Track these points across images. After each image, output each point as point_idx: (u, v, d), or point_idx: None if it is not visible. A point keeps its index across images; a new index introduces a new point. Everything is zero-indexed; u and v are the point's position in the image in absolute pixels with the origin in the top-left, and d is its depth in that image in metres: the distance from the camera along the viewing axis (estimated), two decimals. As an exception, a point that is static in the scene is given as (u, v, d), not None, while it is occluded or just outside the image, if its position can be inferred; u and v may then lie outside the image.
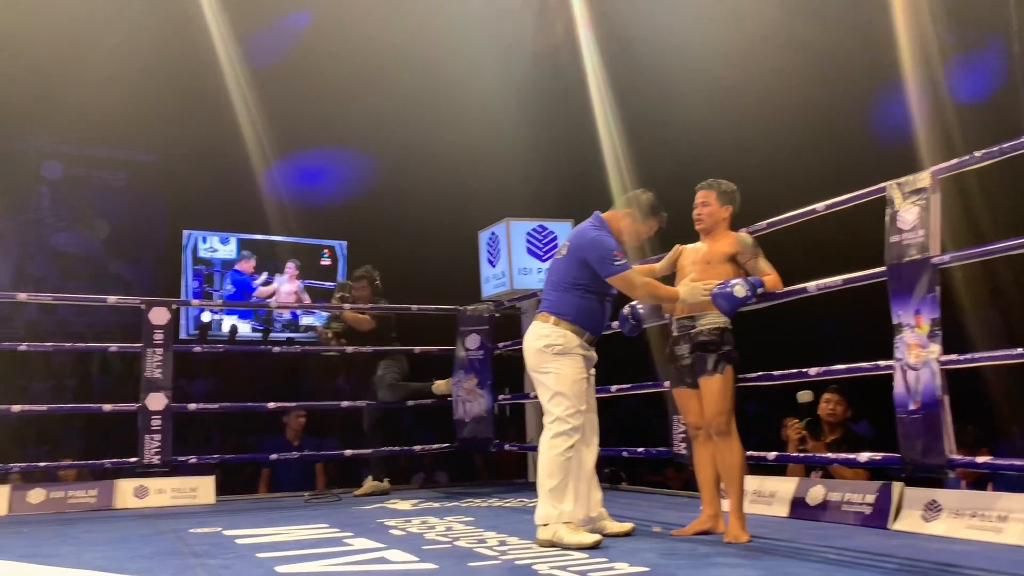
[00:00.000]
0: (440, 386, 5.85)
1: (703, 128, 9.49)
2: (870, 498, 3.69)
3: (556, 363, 3.35)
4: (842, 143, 9.24)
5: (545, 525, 3.22)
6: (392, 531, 3.71)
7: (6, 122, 11.41)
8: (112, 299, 5.60)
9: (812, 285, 3.80)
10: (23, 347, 5.72)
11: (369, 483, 5.54)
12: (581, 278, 3.41)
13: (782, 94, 9.22)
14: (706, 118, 9.50)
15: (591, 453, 3.53)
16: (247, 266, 11.81)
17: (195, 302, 11.20)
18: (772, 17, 8.74)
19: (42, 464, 5.83)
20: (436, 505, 4.79)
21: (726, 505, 3.46)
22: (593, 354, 3.50)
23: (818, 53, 9.01)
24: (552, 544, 3.15)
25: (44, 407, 5.48)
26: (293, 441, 6.60)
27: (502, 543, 3.30)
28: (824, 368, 3.88)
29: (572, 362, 3.37)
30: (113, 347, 6.10)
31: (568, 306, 3.41)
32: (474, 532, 3.62)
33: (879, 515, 3.61)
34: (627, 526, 3.52)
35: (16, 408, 5.28)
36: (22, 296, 5.48)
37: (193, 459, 5.40)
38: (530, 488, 3.28)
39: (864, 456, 3.74)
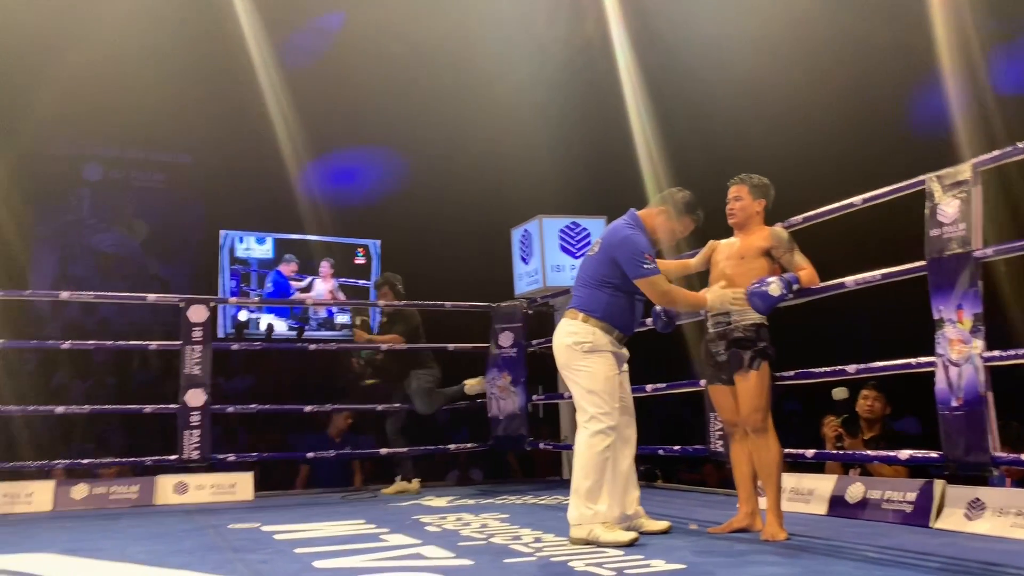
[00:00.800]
0: (473, 385, 5.82)
1: (737, 121, 9.41)
2: (911, 496, 3.64)
3: (587, 361, 3.33)
4: (879, 136, 9.10)
5: (579, 525, 3.20)
6: (427, 528, 3.73)
7: (48, 126, 11.65)
8: (152, 297, 5.70)
9: (850, 280, 3.74)
10: (66, 345, 5.84)
11: (398, 483, 5.55)
12: (612, 276, 3.39)
13: (817, 86, 9.10)
14: (740, 111, 9.41)
15: (628, 451, 3.51)
16: (288, 269, 12.02)
17: (232, 300, 11.36)
18: (807, 7, 8.62)
19: (85, 461, 5.95)
20: (471, 502, 4.80)
21: (763, 503, 3.43)
22: (624, 352, 3.47)
23: (854, 43, 8.88)
24: (587, 543, 3.14)
25: (87, 408, 5.59)
26: (336, 438, 6.65)
27: (537, 540, 3.30)
28: (863, 365, 3.82)
29: (603, 359, 3.34)
30: (153, 345, 6.21)
31: (597, 303, 3.39)
32: (509, 529, 3.63)
33: (920, 513, 3.55)
34: (664, 524, 3.51)
35: (60, 409, 5.37)
36: (64, 295, 5.59)
37: (232, 456, 5.48)
38: (564, 486, 3.27)
39: (905, 453, 3.69)
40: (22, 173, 11.88)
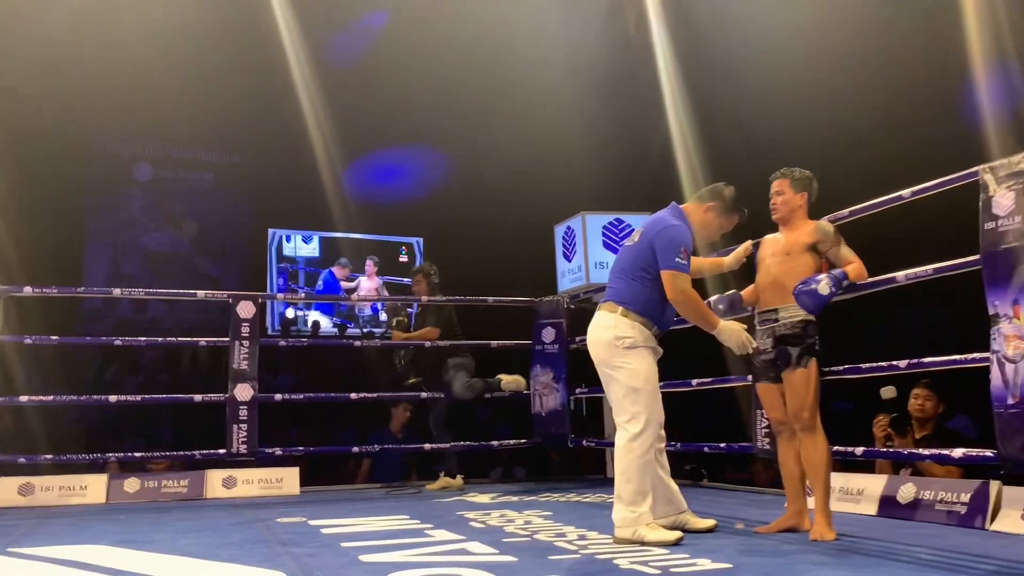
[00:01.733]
0: (508, 382, 5.70)
1: (779, 115, 9.26)
2: (965, 497, 3.55)
3: (628, 357, 3.21)
4: (927, 127, 8.88)
5: (623, 527, 3.15)
6: (472, 524, 3.74)
7: (100, 126, 11.93)
8: (201, 294, 5.80)
9: (901, 275, 3.67)
10: (118, 342, 5.97)
11: (442, 479, 5.56)
12: (651, 267, 3.26)
13: (860, 77, 8.91)
14: (782, 104, 9.27)
15: (663, 447, 3.45)
16: (342, 273, 12.24)
17: (280, 296, 11.54)
18: (848, -3, 8.48)
19: (137, 455, 6.07)
20: (514, 499, 4.81)
21: (811, 502, 3.38)
22: (660, 349, 3.36)
23: (898, 34, 8.67)
24: (632, 542, 3.10)
25: (138, 397, 5.72)
26: (397, 433, 6.70)
27: (581, 537, 3.29)
28: (914, 361, 3.74)
29: (644, 356, 3.24)
30: (202, 341, 6.31)
31: (636, 296, 3.27)
32: (553, 526, 3.62)
33: (975, 515, 3.47)
34: (709, 522, 3.47)
35: (112, 398, 5.51)
36: (117, 292, 5.71)
37: (278, 450, 5.56)
38: (608, 484, 3.25)
39: (958, 452, 3.60)
40: (75, 173, 12.18)
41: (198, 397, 5.52)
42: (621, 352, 3.22)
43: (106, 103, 11.07)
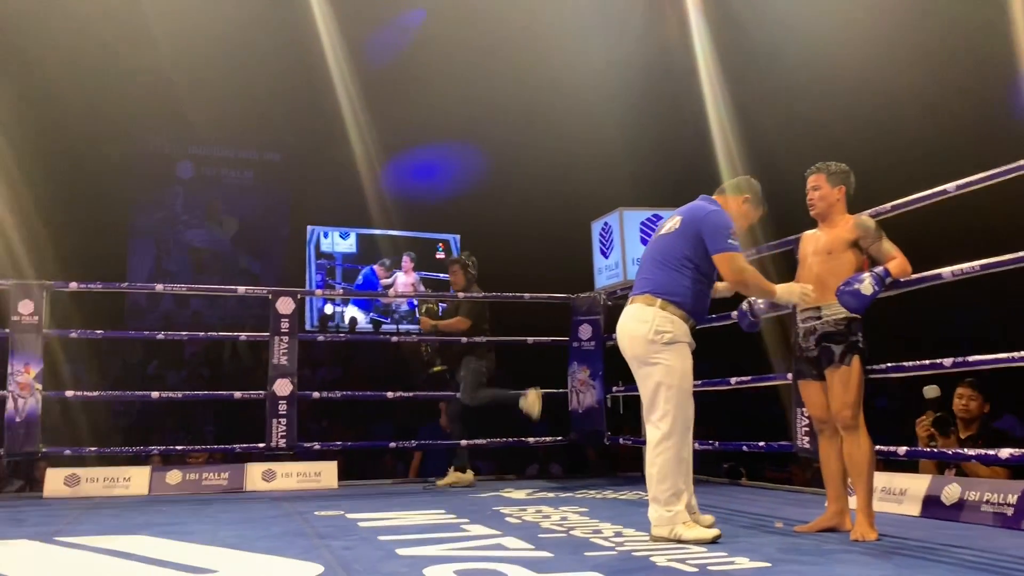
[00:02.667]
0: (531, 403, 5.37)
1: (821, 107, 9.13)
2: (1012, 498, 3.47)
3: (665, 353, 3.12)
4: (975, 119, 8.68)
5: (659, 526, 3.11)
6: (508, 519, 3.74)
7: (144, 126, 12.15)
8: (241, 289, 5.87)
9: (947, 271, 3.59)
10: (160, 336, 6.08)
11: (452, 474, 5.51)
12: (694, 256, 3.19)
13: (902, 70, 8.73)
14: (824, 97, 9.13)
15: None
16: (382, 271, 12.35)
17: (318, 292, 11.67)
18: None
19: (179, 448, 6.17)
20: (551, 495, 4.80)
21: (853, 502, 3.32)
22: (694, 343, 3.27)
23: (945, 22, 8.48)
24: (668, 541, 3.06)
25: (179, 394, 5.81)
26: (446, 428, 6.72)
27: (618, 534, 3.27)
28: (960, 359, 3.65)
29: (682, 352, 3.15)
30: (242, 336, 6.41)
31: (677, 287, 3.18)
32: (589, 523, 3.61)
33: (1022, 516, 3.38)
34: (707, 518, 3.32)
35: (155, 394, 5.61)
36: (159, 287, 5.80)
37: (316, 445, 5.61)
38: (645, 481, 3.21)
39: (1005, 452, 3.51)
40: (119, 171, 12.41)
41: (238, 394, 5.58)
42: (659, 348, 3.12)
43: (150, 103, 11.27)
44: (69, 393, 5.35)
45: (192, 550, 3.03)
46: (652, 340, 3.13)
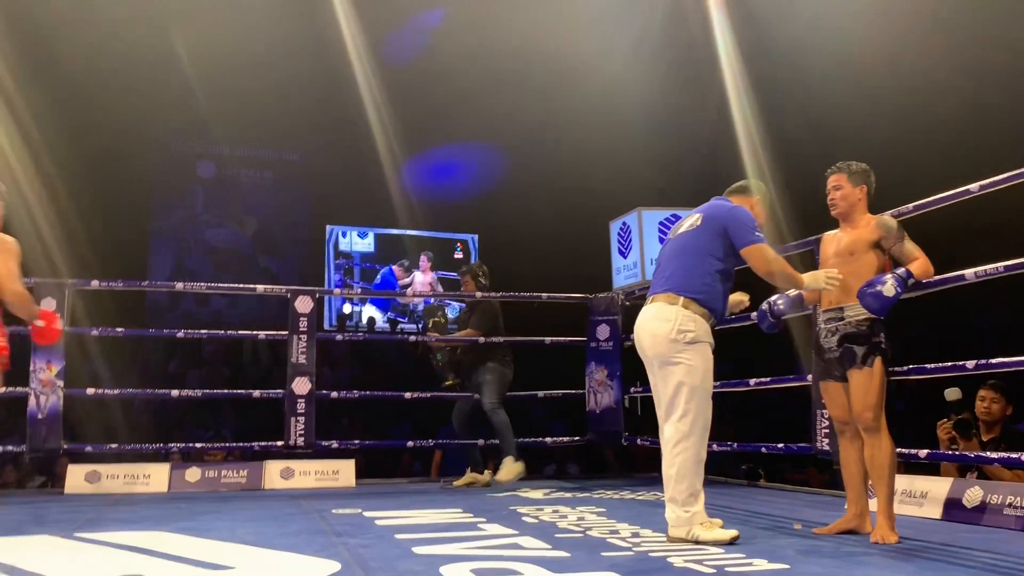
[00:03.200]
0: (510, 472, 5.13)
1: (846, 106, 9.04)
2: (1035, 502, 3.42)
3: (688, 353, 3.09)
4: (1003, 117, 8.57)
5: (677, 527, 3.09)
6: (525, 519, 3.73)
7: (167, 126, 12.26)
8: (261, 288, 5.91)
9: (970, 272, 3.55)
10: (180, 334, 6.12)
11: (469, 475, 5.47)
12: (718, 251, 3.17)
13: (929, 69, 8.63)
14: (849, 95, 9.05)
15: None
16: (401, 271, 12.40)
17: (336, 291, 11.72)
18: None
19: (198, 445, 6.22)
20: (568, 495, 4.79)
21: (873, 504, 3.29)
22: (714, 343, 3.24)
23: (974, 17, 8.37)
24: (686, 542, 3.04)
25: (199, 392, 5.84)
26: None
27: (635, 535, 3.26)
28: (983, 361, 3.62)
29: (704, 352, 3.12)
30: (262, 335, 6.43)
31: (699, 284, 3.15)
32: (606, 523, 3.60)
33: (1046, 521, 3.34)
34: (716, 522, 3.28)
35: (175, 392, 5.65)
36: (179, 285, 5.83)
37: (335, 443, 5.63)
38: (662, 482, 3.19)
39: (1029, 456, 3.47)
40: (142, 171, 12.52)
41: (256, 393, 5.61)
42: (681, 347, 3.09)
43: (172, 104, 11.37)
44: (90, 391, 5.40)
45: (211, 547, 3.05)
46: (675, 339, 3.10)
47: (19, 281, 3.43)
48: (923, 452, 3.96)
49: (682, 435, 3.08)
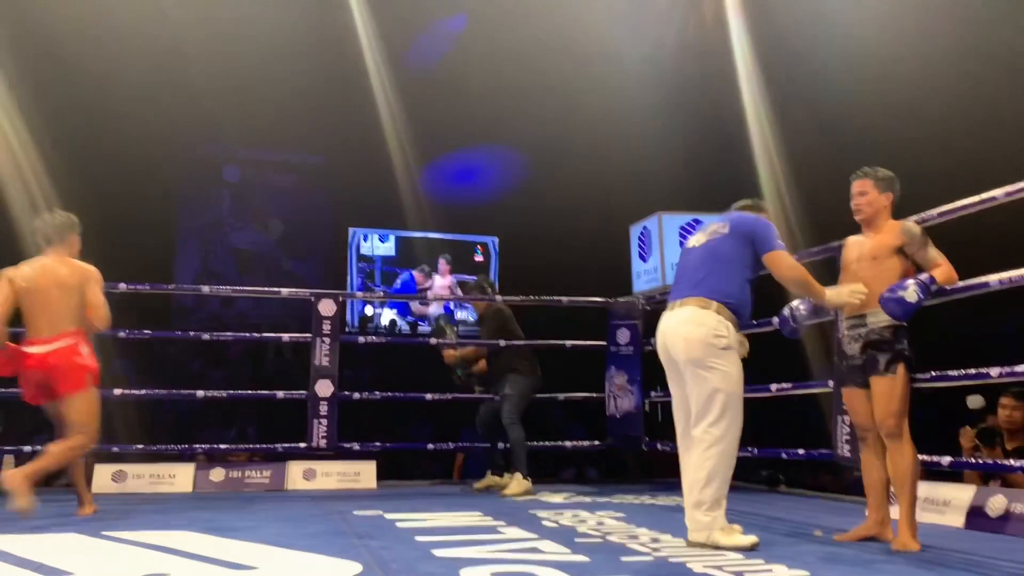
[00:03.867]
0: (518, 487, 5.13)
1: (863, 110, 8.96)
2: (1060, 511, 3.39)
3: (723, 359, 3.08)
4: (1018, 127, 8.46)
5: (697, 531, 3.08)
6: (544, 523, 3.75)
7: (193, 130, 12.38)
8: (285, 292, 5.97)
9: (994, 279, 3.52)
10: (206, 336, 6.19)
11: (489, 477, 5.50)
12: (747, 258, 3.20)
13: (947, 73, 8.53)
14: (866, 99, 8.96)
15: None
16: (421, 276, 12.49)
17: (359, 295, 11.81)
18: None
19: (223, 446, 6.28)
20: (587, 500, 4.80)
21: (895, 512, 3.28)
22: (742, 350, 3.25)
23: (993, 18, 8.26)
24: (705, 546, 3.04)
25: (224, 393, 5.89)
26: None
27: (654, 540, 3.26)
28: (1007, 369, 3.59)
29: (735, 359, 3.12)
30: (285, 337, 6.50)
31: (731, 289, 3.16)
32: (626, 528, 3.61)
33: (1071, 530, 3.31)
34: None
35: (200, 393, 5.70)
36: (206, 289, 5.86)
37: (356, 445, 5.68)
38: (682, 487, 3.19)
39: (1053, 465, 3.44)
40: (168, 174, 12.66)
41: (280, 394, 5.67)
42: (717, 352, 3.07)
43: (197, 107, 11.48)
44: (117, 391, 5.48)
45: (234, 547, 3.09)
46: (711, 343, 3.08)
47: (106, 306, 4.09)
48: (946, 460, 3.93)
49: (715, 440, 3.07)
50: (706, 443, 3.08)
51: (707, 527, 3.06)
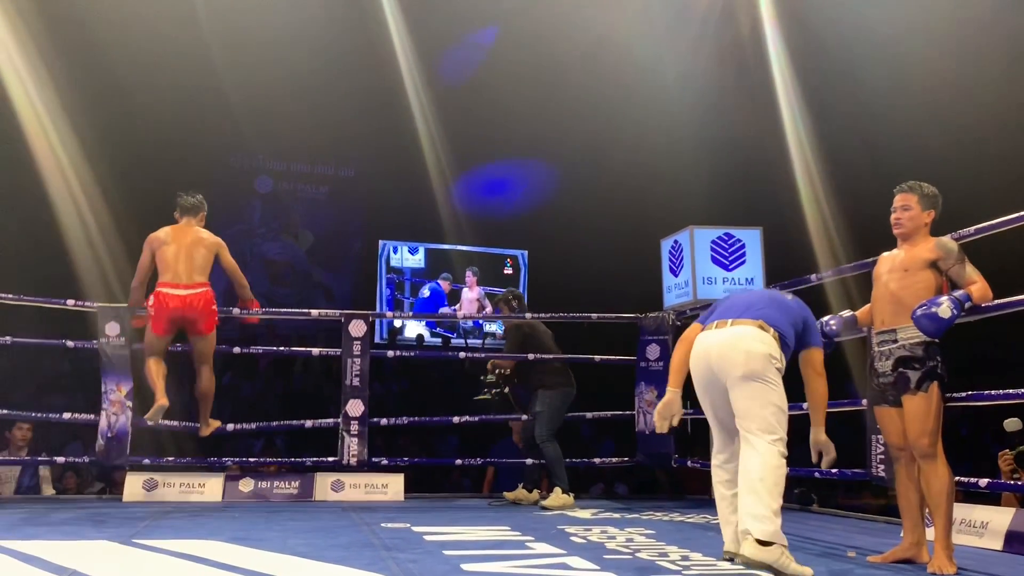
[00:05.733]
0: (556, 500, 5.14)
1: (901, 123, 8.84)
2: (1103, 536, 3.30)
3: (779, 378, 3.07)
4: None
5: (770, 544, 2.87)
6: (573, 538, 3.72)
7: (226, 141, 12.55)
8: (315, 312, 6.02)
9: (1032, 297, 3.45)
10: (236, 350, 6.23)
11: (519, 490, 5.48)
12: (798, 327, 3.19)
13: (990, 88, 8.41)
14: (905, 112, 8.84)
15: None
16: (447, 285, 12.54)
17: (389, 314, 11.89)
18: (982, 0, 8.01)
19: (251, 460, 6.32)
20: (616, 516, 4.76)
21: (930, 533, 3.21)
22: None
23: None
24: (769, 567, 2.85)
25: (253, 425, 5.84)
26: (519, 444, 6.73)
27: (684, 558, 3.22)
28: (1046, 388, 3.51)
29: (781, 384, 3.09)
30: (315, 351, 6.53)
31: (786, 330, 3.14)
32: (655, 545, 3.57)
33: (1114, 556, 3.22)
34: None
35: (230, 427, 5.58)
36: (235, 311, 5.74)
37: (384, 460, 5.69)
38: (712, 505, 3.14)
39: (1096, 488, 3.35)
40: (200, 185, 12.83)
41: (309, 423, 5.71)
42: (774, 371, 3.06)
43: (229, 119, 11.64)
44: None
45: (263, 557, 3.10)
46: (771, 360, 3.05)
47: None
48: (983, 481, 3.84)
49: (776, 452, 3.00)
50: (773, 456, 2.99)
51: (778, 537, 2.90)
